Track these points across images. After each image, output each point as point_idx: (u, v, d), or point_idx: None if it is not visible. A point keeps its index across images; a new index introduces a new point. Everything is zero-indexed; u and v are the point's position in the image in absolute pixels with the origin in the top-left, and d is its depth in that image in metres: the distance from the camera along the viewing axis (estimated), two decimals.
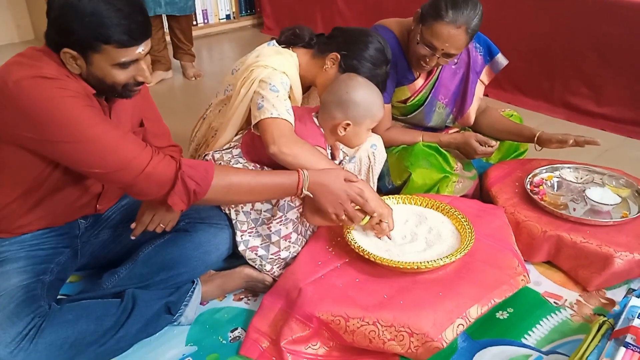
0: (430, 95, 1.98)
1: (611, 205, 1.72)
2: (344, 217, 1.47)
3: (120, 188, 1.44)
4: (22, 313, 1.28)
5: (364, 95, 1.58)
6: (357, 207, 1.50)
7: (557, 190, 1.81)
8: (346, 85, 1.60)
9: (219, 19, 4.51)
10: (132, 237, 1.48)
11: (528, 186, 1.84)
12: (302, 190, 1.42)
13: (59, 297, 1.49)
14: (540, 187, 1.85)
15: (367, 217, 1.51)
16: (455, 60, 1.93)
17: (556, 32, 2.77)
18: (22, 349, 1.25)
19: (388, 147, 1.90)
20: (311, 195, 1.45)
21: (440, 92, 2.00)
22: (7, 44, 4.03)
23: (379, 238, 1.56)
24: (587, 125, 2.74)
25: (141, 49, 1.25)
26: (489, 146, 1.94)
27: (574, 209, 1.75)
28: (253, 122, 1.57)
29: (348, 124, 1.59)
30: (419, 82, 1.97)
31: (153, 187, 1.29)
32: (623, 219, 1.70)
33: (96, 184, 1.48)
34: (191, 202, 1.33)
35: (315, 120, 1.65)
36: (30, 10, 4.04)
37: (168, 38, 3.42)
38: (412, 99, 1.98)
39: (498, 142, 1.98)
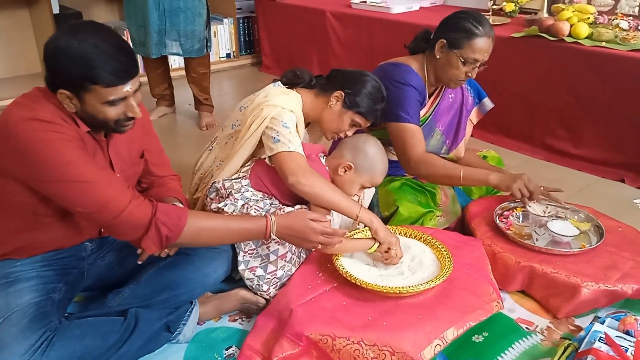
0: (431, 117, 2.14)
1: (570, 236, 1.86)
2: (319, 247, 1.59)
3: (103, 229, 1.55)
4: (34, 327, 1.37)
5: (376, 155, 1.81)
6: (368, 234, 1.69)
7: (522, 222, 1.97)
8: (367, 138, 1.84)
9: (220, 57, 4.70)
10: (139, 262, 1.56)
11: (497, 218, 1.99)
12: (270, 235, 1.53)
13: (65, 315, 1.57)
14: (509, 219, 2.00)
15: (376, 245, 1.66)
16: (450, 97, 2.16)
17: (536, 79, 2.94)
18: None
19: (427, 169, 1.99)
20: (278, 240, 1.61)
21: (439, 119, 2.16)
22: (15, 77, 4.14)
23: (366, 266, 1.70)
24: (565, 165, 2.88)
25: (128, 87, 1.34)
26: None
27: (537, 239, 1.89)
28: (268, 154, 1.72)
29: (350, 167, 1.79)
30: (427, 105, 2.13)
31: (128, 230, 1.39)
32: (581, 249, 1.84)
33: None
34: (164, 247, 1.43)
35: (322, 160, 1.82)
36: (38, 44, 4.15)
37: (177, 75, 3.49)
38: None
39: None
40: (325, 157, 1.88)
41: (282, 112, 1.74)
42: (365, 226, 1.70)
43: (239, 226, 1.53)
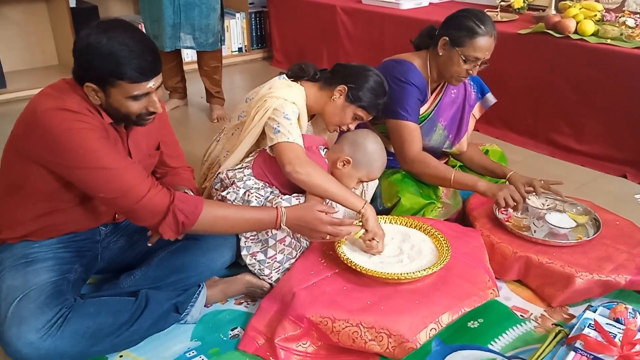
0: (433, 113, 2.19)
1: (567, 229, 1.92)
2: (327, 237, 1.67)
3: (122, 214, 1.64)
4: (51, 304, 1.46)
5: (375, 151, 1.86)
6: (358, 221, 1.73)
7: (521, 214, 2.02)
8: (367, 134, 1.89)
9: (232, 52, 4.77)
10: (149, 244, 1.64)
11: (496, 211, 2.04)
12: (280, 225, 1.63)
13: (79, 295, 1.65)
14: (508, 211, 2.04)
15: (361, 231, 1.72)
16: (453, 92, 2.20)
17: (541, 75, 2.97)
18: (51, 335, 1.42)
19: (420, 168, 2.06)
20: (288, 230, 1.69)
21: (441, 114, 2.21)
22: (32, 68, 4.23)
23: (367, 254, 1.76)
24: (568, 161, 2.91)
25: (152, 83, 1.42)
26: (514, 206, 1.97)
27: (535, 231, 1.94)
28: (269, 144, 1.79)
29: (349, 161, 1.84)
30: (430, 101, 2.18)
31: (147, 216, 1.47)
32: (577, 241, 1.89)
33: None
34: (180, 232, 1.52)
35: (322, 152, 1.89)
36: (56, 37, 4.25)
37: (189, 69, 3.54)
38: (421, 114, 2.18)
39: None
40: (325, 150, 1.95)
41: (284, 103, 1.81)
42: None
43: (252, 216, 1.62)
